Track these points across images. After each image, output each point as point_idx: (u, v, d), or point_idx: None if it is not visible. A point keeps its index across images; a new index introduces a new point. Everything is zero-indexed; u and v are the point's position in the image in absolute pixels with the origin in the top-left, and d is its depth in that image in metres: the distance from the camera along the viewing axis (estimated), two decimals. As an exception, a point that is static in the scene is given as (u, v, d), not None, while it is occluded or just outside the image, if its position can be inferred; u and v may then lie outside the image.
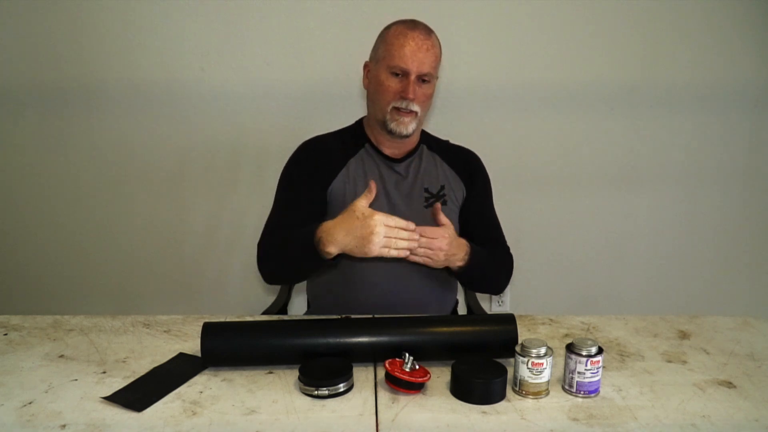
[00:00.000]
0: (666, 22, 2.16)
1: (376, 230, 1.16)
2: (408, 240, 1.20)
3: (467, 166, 1.56)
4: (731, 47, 2.20)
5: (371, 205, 1.21)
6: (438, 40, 1.44)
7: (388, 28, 1.44)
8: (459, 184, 1.53)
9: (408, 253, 1.22)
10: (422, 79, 1.39)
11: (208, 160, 2.21)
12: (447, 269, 1.39)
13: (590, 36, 2.17)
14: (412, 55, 1.37)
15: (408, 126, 1.41)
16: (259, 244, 1.41)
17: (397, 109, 1.40)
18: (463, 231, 1.51)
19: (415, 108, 1.40)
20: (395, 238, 1.18)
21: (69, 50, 2.11)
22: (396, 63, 1.38)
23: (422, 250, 1.27)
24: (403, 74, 1.38)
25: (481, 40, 2.16)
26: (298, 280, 1.58)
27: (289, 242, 1.31)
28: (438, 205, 1.35)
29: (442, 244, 1.28)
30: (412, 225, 1.21)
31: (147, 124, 2.18)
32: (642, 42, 2.18)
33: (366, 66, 1.49)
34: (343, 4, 2.08)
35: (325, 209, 1.46)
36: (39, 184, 2.24)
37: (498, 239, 1.55)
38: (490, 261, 1.45)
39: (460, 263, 1.35)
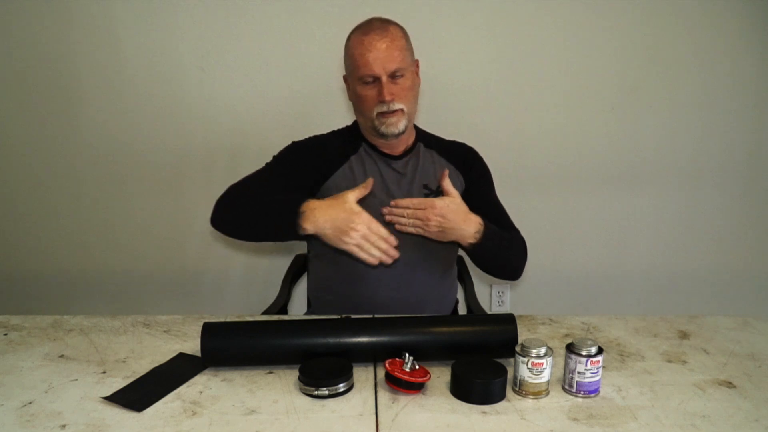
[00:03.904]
0: (667, 21, 2.16)
1: (357, 228, 1.19)
2: (384, 252, 1.22)
3: (463, 159, 1.57)
4: (732, 47, 2.19)
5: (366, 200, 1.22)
6: (398, 28, 1.42)
7: (348, 39, 1.44)
8: (458, 177, 1.54)
9: (377, 261, 1.23)
10: (394, 75, 1.39)
11: (208, 160, 2.21)
12: (463, 246, 1.37)
13: (591, 35, 2.17)
14: (374, 60, 1.36)
15: (398, 125, 1.42)
16: (231, 187, 1.39)
17: (381, 113, 1.40)
18: None
19: (398, 106, 1.40)
20: (371, 243, 1.21)
21: (69, 50, 2.11)
22: (363, 72, 1.38)
23: (411, 220, 1.27)
24: (375, 79, 1.39)
25: (481, 39, 2.15)
26: (253, 239, 1.46)
27: (270, 202, 1.31)
28: (446, 171, 1.34)
29: (430, 214, 1.26)
30: (393, 241, 1.23)
31: (147, 124, 2.18)
32: (642, 42, 2.18)
33: (345, 80, 1.50)
34: (343, 4, 2.08)
35: None
36: (39, 184, 2.24)
37: (507, 224, 1.53)
38: (504, 241, 1.42)
39: (471, 240, 1.33)
